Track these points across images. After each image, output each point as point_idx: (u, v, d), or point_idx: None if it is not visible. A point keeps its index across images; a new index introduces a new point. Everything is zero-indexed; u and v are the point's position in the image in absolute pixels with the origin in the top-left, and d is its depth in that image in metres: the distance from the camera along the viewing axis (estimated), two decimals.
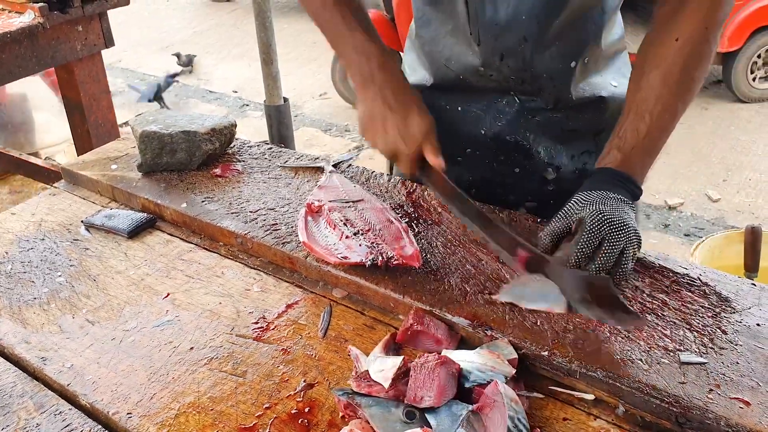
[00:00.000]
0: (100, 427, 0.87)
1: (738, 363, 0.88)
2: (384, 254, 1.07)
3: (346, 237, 1.13)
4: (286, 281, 1.13)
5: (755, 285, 1.02)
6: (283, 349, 0.98)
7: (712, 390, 0.83)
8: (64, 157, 3.91)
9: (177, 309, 1.07)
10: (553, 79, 1.20)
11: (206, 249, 1.23)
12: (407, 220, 1.22)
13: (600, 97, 1.24)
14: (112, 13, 2.64)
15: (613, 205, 0.99)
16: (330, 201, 1.23)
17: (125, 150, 1.53)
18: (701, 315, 0.96)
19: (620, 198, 1.00)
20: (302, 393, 0.90)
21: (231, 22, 8.00)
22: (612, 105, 1.25)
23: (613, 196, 1.00)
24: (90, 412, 0.90)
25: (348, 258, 1.08)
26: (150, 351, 0.99)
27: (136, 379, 0.94)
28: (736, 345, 0.90)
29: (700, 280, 1.03)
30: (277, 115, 4.00)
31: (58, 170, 1.85)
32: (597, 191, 1.01)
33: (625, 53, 1.32)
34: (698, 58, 1.06)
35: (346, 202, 1.23)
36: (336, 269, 1.09)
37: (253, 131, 5.03)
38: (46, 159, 3.63)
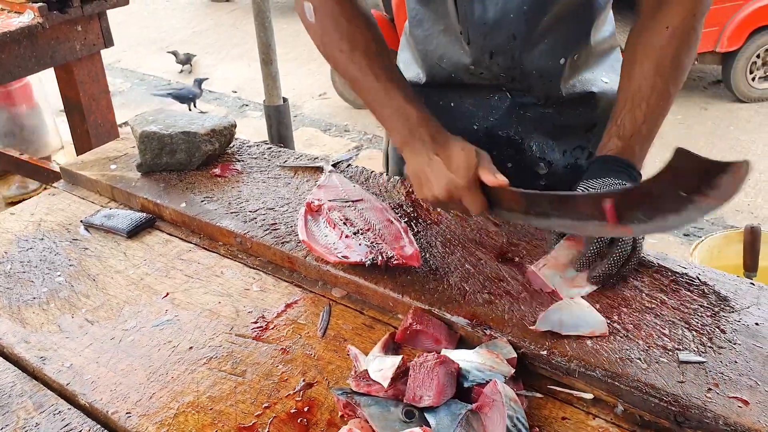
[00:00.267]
0: (99, 426, 0.87)
1: (736, 362, 0.88)
2: (384, 254, 1.07)
3: (346, 236, 1.13)
4: (285, 281, 1.13)
5: (754, 284, 1.02)
6: (283, 348, 0.98)
7: (710, 389, 0.83)
8: (64, 157, 3.91)
9: (176, 308, 1.07)
10: (542, 76, 1.21)
11: (205, 249, 1.23)
12: (407, 219, 1.22)
13: (590, 92, 1.26)
14: (111, 13, 2.65)
15: None
16: (329, 200, 1.23)
17: (124, 150, 1.53)
18: (700, 314, 0.96)
19: (622, 183, 1.03)
20: (301, 392, 0.90)
21: (230, 22, 8.00)
22: (603, 101, 1.26)
23: (616, 182, 1.03)
24: (89, 412, 0.90)
25: (347, 257, 1.08)
26: (149, 350, 0.99)
27: (136, 378, 0.94)
28: (735, 344, 0.91)
29: (699, 280, 1.03)
30: (277, 115, 4.00)
31: (58, 170, 1.85)
32: (602, 179, 1.04)
33: (617, 50, 1.33)
34: (687, 45, 1.09)
35: (346, 202, 1.23)
36: (335, 269, 1.09)
37: (253, 131, 5.04)
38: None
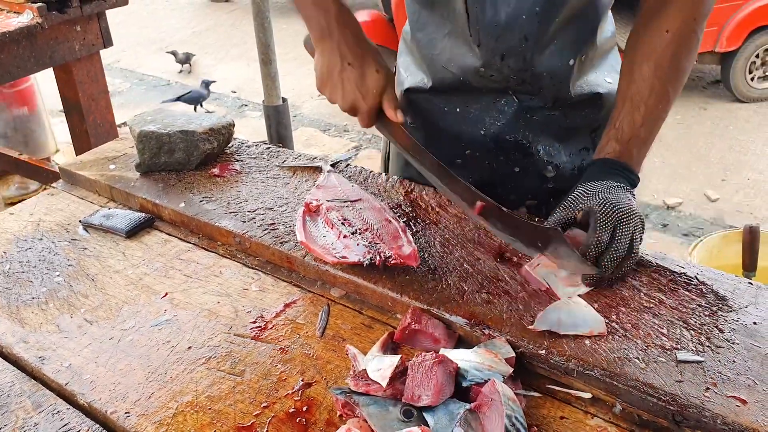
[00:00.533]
0: (98, 426, 0.87)
1: (735, 361, 0.88)
2: (382, 253, 1.07)
3: (344, 236, 1.13)
4: (284, 280, 1.13)
5: (752, 283, 1.03)
6: (281, 348, 0.98)
7: (708, 388, 0.84)
8: (63, 157, 3.90)
9: (175, 308, 1.08)
10: (552, 77, 1.21)
11: (204, 248, 1.23)
12: (405, 219, 1.22)
13: (597, 93, 1.26)
14: (110, 13, 2.64)
15: (617, 193, 1.02)
16: (328, 200, 1.23)
17: (123, 150, 1.53)
18: (698, 314, 0.97)
19: (622, 186, 1.04)
20: (300, 392, 0.90)
21: (230, 22, 8.00)
22: (608, 101, 1.26)
23: (615, 185, 1.03)
24: (88, 412, 0.90)
25: (346, 257, 1.08)
26: (148, 350, 0.99)
27: (134, 378, 0.94)
28: (733, 343, 0.91)
29: (698, 279, 1.04)
30: (276, 115, 4.00)
31: (57, 170, 1.85)
32: (600, 181, 1.04)
33: (616, 50, 1.34)
34: (687, 48, 1.10)
35: (344, 202, 1.23)
36: (334, 268, 1.09)
37: (252, 131, 5.03)
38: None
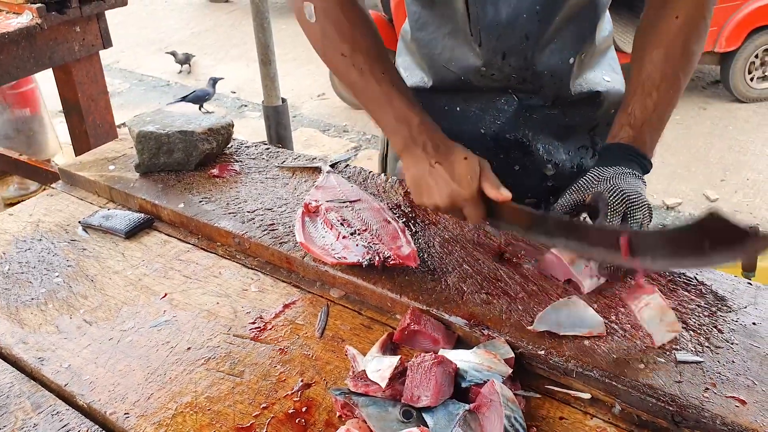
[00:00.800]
0: (97, 427, 0.87)
1: (734, 362, 0.88)
2: (381, 254, 1.07)
3: (343, 237, 1.13)
4: (283, 281, 1.13)
5: (751, 284, 1.03)
6: (281, 348, 0.98)
7: (708, 389, 0.84)
8: (62, 158, 3.90)
9: (174, 309, 1.08)
10: (553, 76, 1.21)
11: (204, 249, 1.23)
12: (404, 219, 1.22)
13: (596, 92, 1.26)
14: (109, 14, 2.64)
15: (628, 180, 1.02)
16: (327, 201, 1.23)
17: (123, 151, 1.53)
18: (697, 314, 0.97)
19: (633, 173, 1.03)
20: (299, 393, 0.90)
21: (229, 22, 8.00)
22: (607, 100, 1.27)
23: (627, 171, 1.03)
24: (87, 412, 0.90)
25: (345, 258, 1.08)
26: (147, 351, 0.99)
27: (134, 379, 0.94)
28: (732, 344, 0.91)
29: (697, 280, 1.04)
30: (276, 116, 4.00)
31: (56, 171, 1.85)
32: (612, 167, 1.04)
33: (613, 48, 1.34)
34: (697, 33, 1.09)
35: (343, 202, 1.23)
36: (333, 269, 1.09)
37: (252, 132, 5.03)
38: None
